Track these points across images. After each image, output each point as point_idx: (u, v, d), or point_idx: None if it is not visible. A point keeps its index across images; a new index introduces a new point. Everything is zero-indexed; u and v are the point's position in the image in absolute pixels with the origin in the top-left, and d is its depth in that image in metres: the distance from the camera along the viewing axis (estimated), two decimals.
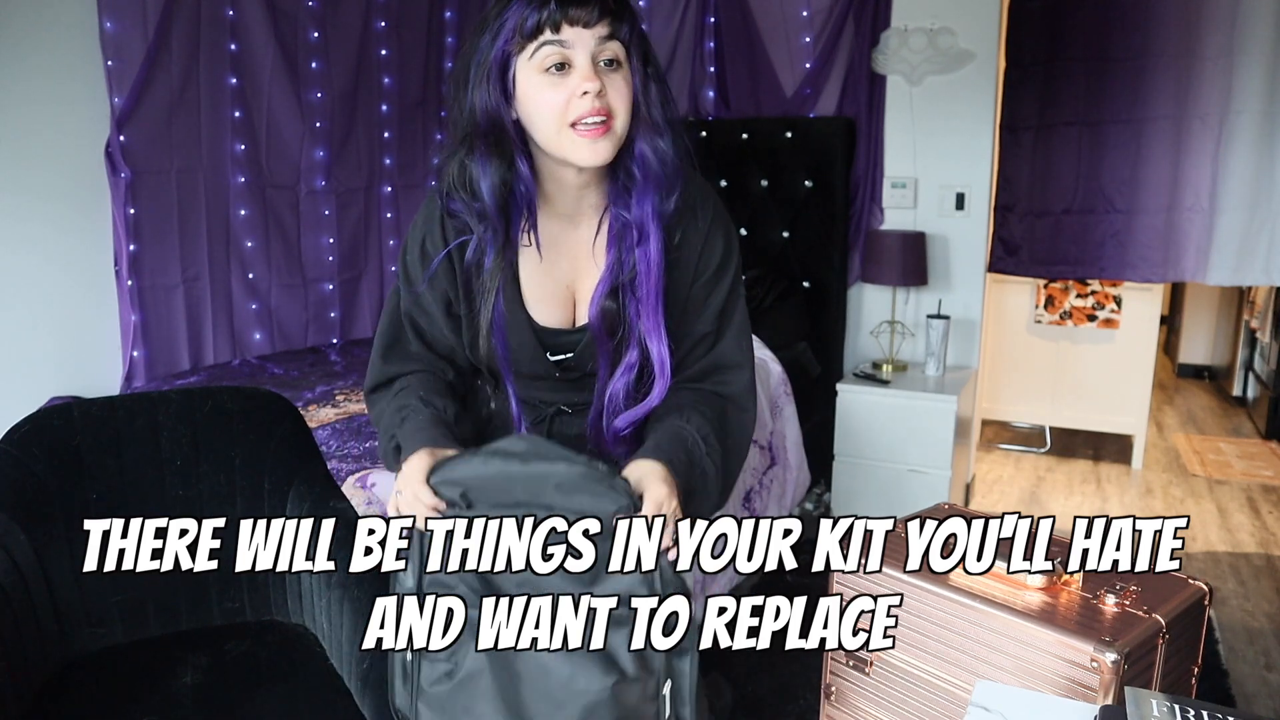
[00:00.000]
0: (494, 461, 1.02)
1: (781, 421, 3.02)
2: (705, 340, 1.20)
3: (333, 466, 1.89)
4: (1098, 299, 4.01)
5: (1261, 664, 2.41)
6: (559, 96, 1.04)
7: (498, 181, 1.09)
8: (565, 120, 1.04)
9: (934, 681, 1.36)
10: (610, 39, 1.05)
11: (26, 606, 1.36)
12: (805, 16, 3.47)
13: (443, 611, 1.01)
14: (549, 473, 1.00)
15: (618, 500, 1.00)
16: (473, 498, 1.03)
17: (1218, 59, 2.94)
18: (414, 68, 3.61)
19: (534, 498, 1.01)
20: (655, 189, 1.10)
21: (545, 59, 1.03)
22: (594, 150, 1.05)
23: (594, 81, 1.03)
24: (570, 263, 1.18)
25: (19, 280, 2.47)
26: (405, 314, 1.22)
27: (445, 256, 1.15)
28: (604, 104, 1.04)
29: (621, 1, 1.07)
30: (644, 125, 1.09)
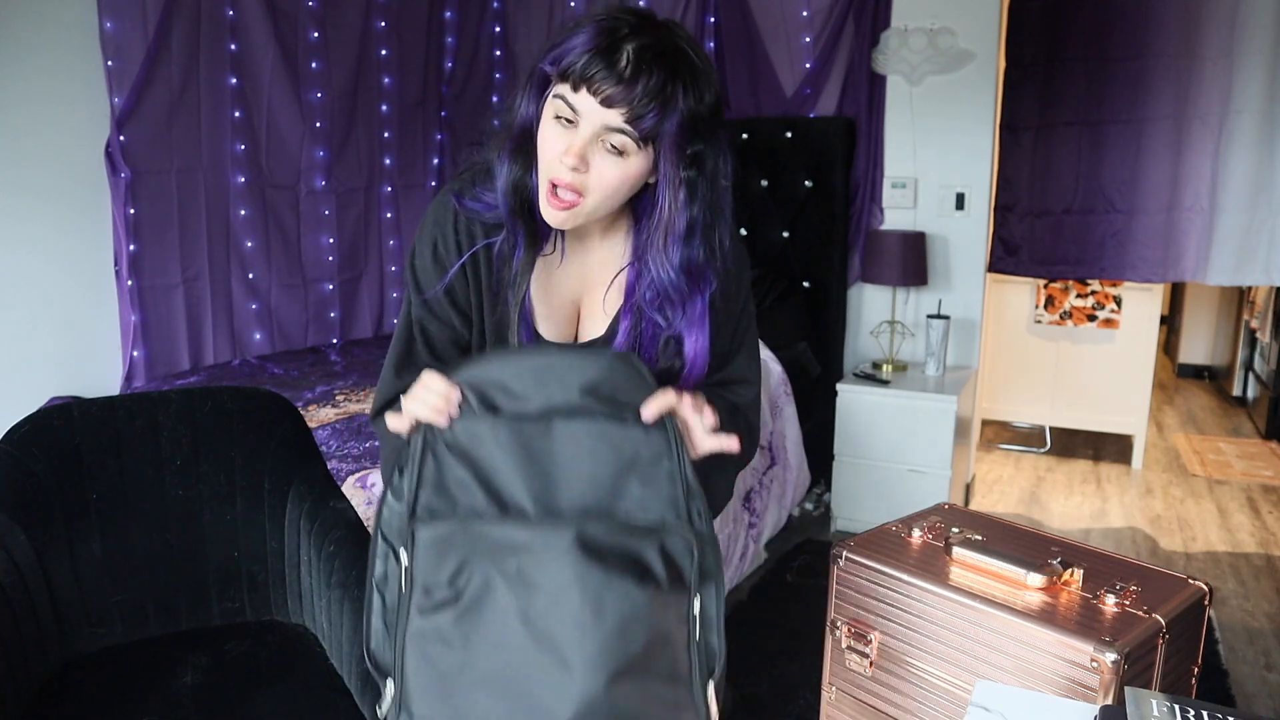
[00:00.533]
0: (518, 358, 0.99)
1: (781, 421, 3.02)
2: (718, 358, 1.21)
3: (333, 466, 1.89)
4: (1098, 299, 4.01)
5: (1261, 664, 2.41)
6: (554, 148, 1.00)
7: (510, 182, 1.07)
8: (548, 174, 1.02)
9: (934, 681, 1.36)
10: (619, 132, 0.98)
11: (26, 606, 1.36)
12: (805, 16, 3.48)
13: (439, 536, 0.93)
14: (582, 367, 0.97)
15: (649, 389, 0.98)
16: (498, 401, 0.98)
17: (1218, 59, 2.94)
18: (414, 68, 3.61)
19: (565, 394, 0.97)
20: (663, 306, 1.08)
21: (558, 107, 1.00)
22: (553, 217, 1.03)
23: (574, 158, 0.99)
24: (578, 283, 1.17)
25: (19, 280, 2.47)
26: (416, 322, 1.16)
27: (461, 267, 1.12)
28: (578, 182, 1.00)
29: (658, 99, 0.97)
30: (664, 236, 1.05)
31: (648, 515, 0.96)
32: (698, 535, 0.96)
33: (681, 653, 0.95)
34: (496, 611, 0.91)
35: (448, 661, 0.92)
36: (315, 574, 1.48)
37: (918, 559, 1.43)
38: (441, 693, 0.91)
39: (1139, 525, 3.38)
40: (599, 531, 0.92)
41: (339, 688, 1.36)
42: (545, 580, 0.91)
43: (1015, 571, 1.33)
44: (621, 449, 0.96)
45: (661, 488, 0.97)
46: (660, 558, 0.94)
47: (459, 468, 0.96)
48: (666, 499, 0.96)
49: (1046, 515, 3.46)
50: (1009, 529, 1.54)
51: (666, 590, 0.94)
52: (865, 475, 3.16)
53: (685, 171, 1.02)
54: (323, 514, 1.51)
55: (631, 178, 1.02)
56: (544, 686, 0.89)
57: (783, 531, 3.10)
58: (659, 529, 0.95)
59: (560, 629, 0.90)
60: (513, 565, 0.92)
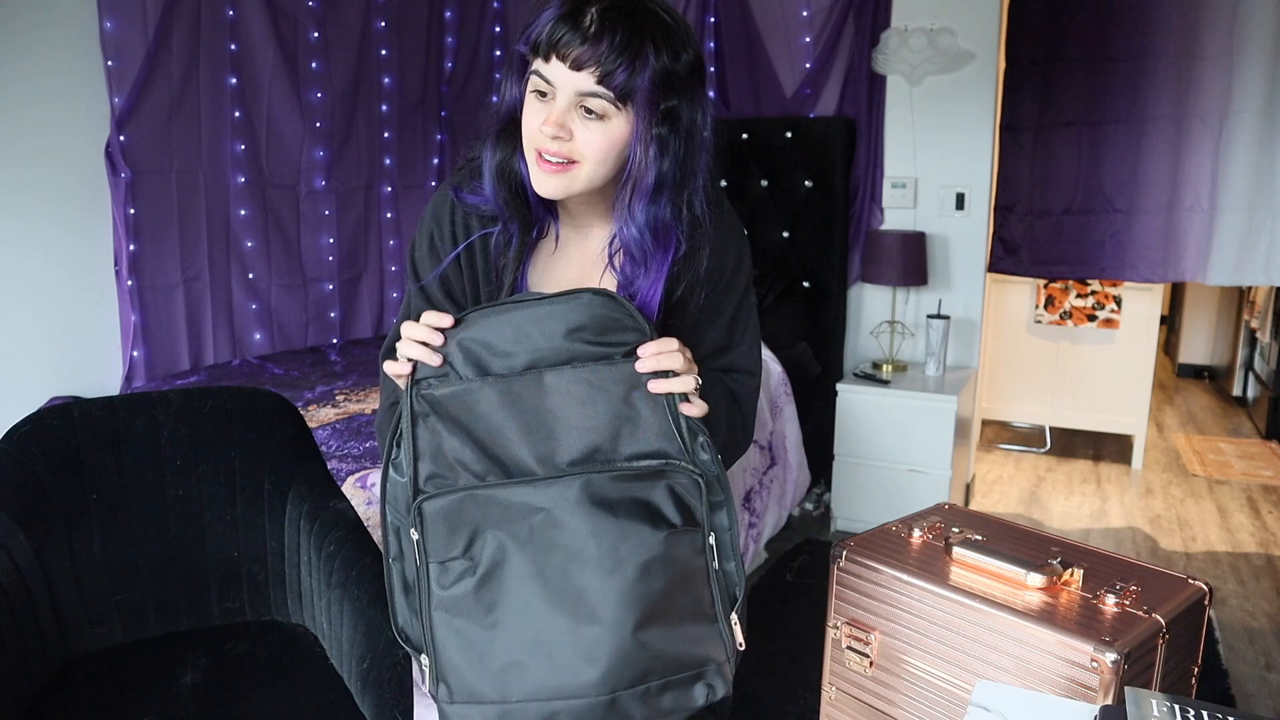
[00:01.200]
0: (498, 314, 0.97)
1: (781, 421, 3.02)
2: (718, 350, 1.20)
3: (332, 466, 1.89)
4: (1098, 299, 4.01)
5: (1261, 664, 2.41)
6: (533, 122, 1.00)
7: (496, 165, 1.07)
8: (533, 146, 1.01)
9: (934, 681, 1.36)
10: (592, 95, 0.97)
11: (26, 606, 1.36)
12: (805, 16, 3.48)
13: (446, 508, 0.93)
14: (563, 312, 0.96)
15: (634, 322, 0.97)
16: (485, 361, 0.97)
17: (1218, 59, 2.94)
18: (414, 68, 3.61)
19: (549, 341, 0.96)
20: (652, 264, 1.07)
21: (534, 83, 1.00)
22: (546, 184, 1.02)
23: (554, 126, 0.98)
24: (577, 270, 1.17)
25: (19, 280, 2.47)
26: (415, 311, 1.14)
27: (456, 258, 1.12)
28: (566, 149, 0.99)
29: (627, 53, 0.96)
30: (632, 189, 1.03)
31: (649, 452, 0.95)
32: (703, 471, 0.96)
33: (702, 587, 0.96)
34: (515, 575, 0.91)
35: (475, 630, 0.92)
36: (315, 574, 1.48)
37: (918, 559, 1.43)
38: (475, 661, 0.91)
39: (1139, 525, 3.38)
40: (605, 482, 0.93)
41: (339, 688, 1.36)
42: (559, 538, 0.91)
43: (1015, 571, 1.33)
44: (613, 389, 0.96)
45: (663, 422, 0.96)
46: (670, 498, 0.95)
47: (454, 435, 0.95)
48: (665, 432, 0.96)
49: (1046, 515, 3.46)
50: (1009, 529, 1.54)
51: (680, 529, 0.94)
52: (865, 475, 3.16)
53: (658, 128, 1.01)
54: (323, 514, 1.51)
55: (618, 141, 1.00)
56: (574, 642, 0.90)
57: (783, 531, 3.10)
58: (664, 471, 0.95)
59: (581, 584, 0.90)
60: (525, 528, 0.92)
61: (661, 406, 0.97)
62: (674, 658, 0.93)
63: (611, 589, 0.90)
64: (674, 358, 0.97)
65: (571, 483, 0.92)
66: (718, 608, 0.97)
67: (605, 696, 0.90)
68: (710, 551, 0.97)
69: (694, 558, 0.95)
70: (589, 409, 0.95)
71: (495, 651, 0.91)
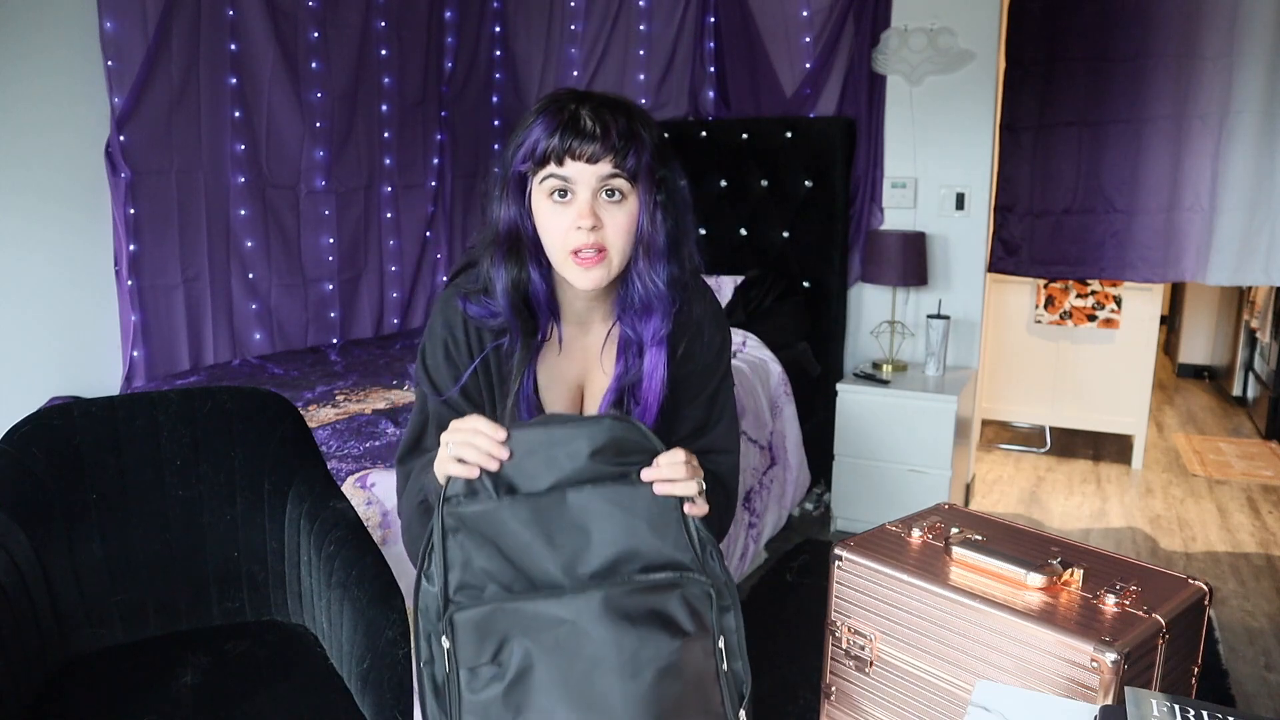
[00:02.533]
0: (525, 434, 1.04)
1: (781, 421, 3.02)
2: (698, 428, 1.28)
3: (332, 466, 1.89)
4: (1098, 299, 4.01)
5: (1261, 664, 2.41)
6: (561, 223, 1.11)
7: (509, 284, 1.17)
8: (567, 247, 1.12)
9: (934, 681, 1.36)
10: (614, 176, 1.10)
11: (26, 606, 1.36)
12: (805, 16, 3.48)
13: (476, 619, 0.98)
14: (587, 435, 1.03)
15: (649, 445, 1.04)
16: (513, 481, 1.03)
17: (1218, 59, 2.94)
18: (414, 68, 3.61)
19: (574, 462, 1.03)
20: (654, 313, 1.19)
21: (550, 186, 1.11)
22: (588, 277, 1.13)
23: (588, 219, 1.10)
24: (580, 366, 1.26)
25: (19, 280, 2.47)
26: (434, 416, 1.23)
27: (473, 368, 1.20)
28: (598, 238, 1.11)
29: (629, 138, 1.11)
30: (644, 253, 1.16)
31: (665, 563, 1.03)
32: (713, 580, 1.03)
33: (713, 687, 1.03)
34: (541, 682, 0.97)
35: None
36: (315, 574, 1.48)
37: (917, 559, 1.43)
38: None
39: (1139, 525, 3.38)
40: (624, 595, 0.99)
41: (339, 688, 1.36)
42: (583, 647, 0.97)
43: (1015, 571, 1.33)
44: (633, 506, 1.03)
45: (672, 534, 1.03)
46: (684, 608, 1.02)
47: (482, 549, 1.01)
48: (680, 544, 1.03)
49: (1046, 515, 3.46)
50: (1009, 529, 1.54)
51: (693, 636, 1.01)
52: (865, 475, 3.16)
53: (658, 195, 1.15)
54: (323, 514, 1.51)
55: (634, 218, 1.14)
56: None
57: (783, 531, 3.10)
58: (679, 582, 1.02)
59: (603, 689, 0.96)
60: (550, 637, 0.98)
61: (674, 521, 1.04)
62: None
63: (632, 694, 0.96)
64: (678, 468, 1.04)
65: (594, 596, 0.99)
66: (726, 706, 1.03)
67: None
68: (720, 654, 1.04)
69: (705, 660, 1.02)
70: (609, 525, 1.02)
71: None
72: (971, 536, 1.47)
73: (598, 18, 3.85)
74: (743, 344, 3.10)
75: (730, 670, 1.04)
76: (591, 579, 1.01)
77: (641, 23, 3.79)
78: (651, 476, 1.04)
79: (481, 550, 1.01)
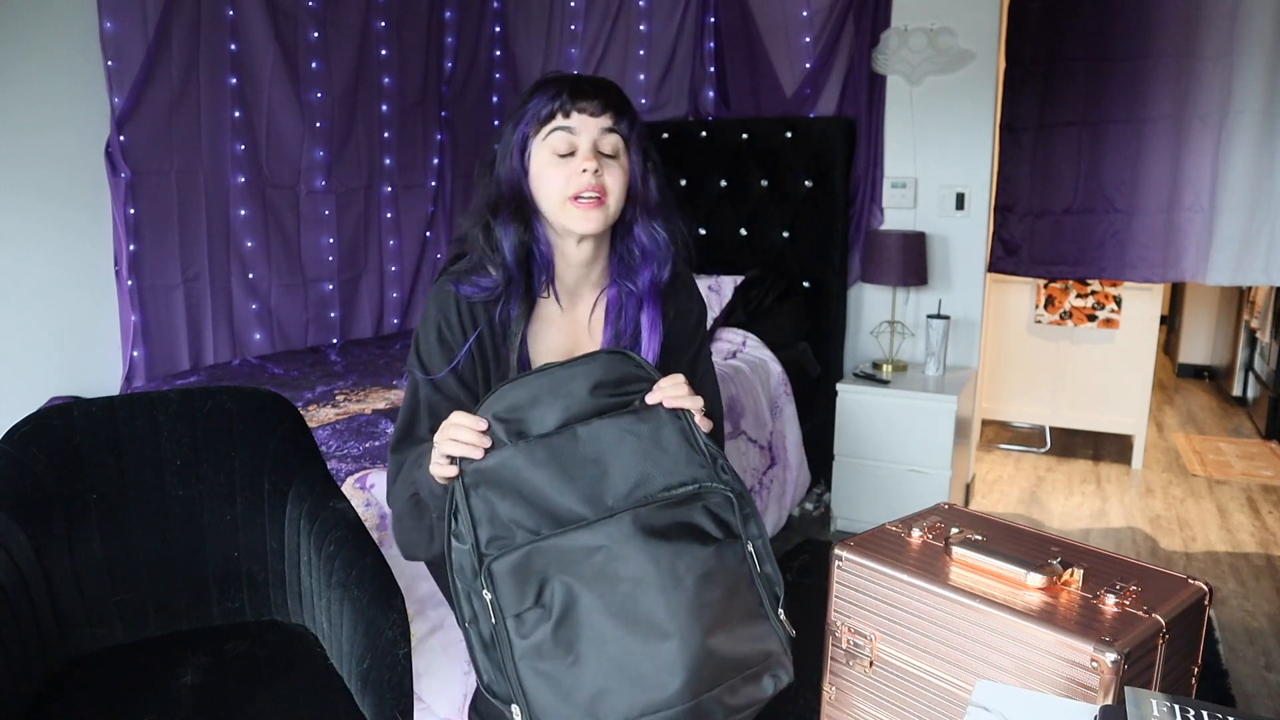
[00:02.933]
0: (528, 382, 1.10)
1: (781, 421, 3.02)
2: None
3: (332, 467, 1.89)
4: (1098, 299, 4.01)
5: (1261, 664, 2.41)
6: (563, 173, 1.22)
7: (517, 241, 1.25)
8: (567, 194, 1.22)
9: (934, 681, 1.36)
10: (611, 132, 1.23)
11: (26, 606, 1.36)
12: (805, 16, 3.48)
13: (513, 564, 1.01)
14: (585, 372, 1.10)
15: (645, 373, 1.14)
16: (523, 426, 1.08)
17: (1218, 59, 2.94)
18: (414, 68, 3.61)
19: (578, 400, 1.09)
20: (652, 263, 1.30)
21: (556, 143, 1.22)
22: (588, 219, 1.22)
23: (593, 161, 1.21)
24: (570, 338, 1.33)
25: (19, 280, 2.47)
26: (425, 402, 1.28)
27: (467, 350, 1.26)
28: (599, 182, 1.22)
29: (624, 101, 1.25)
30: (641, 210, 1.28)
31: (685, 481, 1.07)
32: (731, 489, 1.08)
33: (750, 591, 1.07)
34: (588, 612, 1.00)
35: (560, 670, 0.99)
36: (315, 574, 1.48)
37: (917, 559, 1.43)
38: (564, 697, 0.99)
39: (1139, 525, 3.38)
40: (651, 513, 1.03)
41: (339, 688, 1.36)
42: (622, 570, 1.00)
43: (1015, 571, 1.33)
44: (641, 431, 1.08)
45: (688, 452, 1.09)
46: (709, 517, 1.06)
47: (505, 499, 1.04)
48: (692, 460, 1.09)
49: (1046, 515, 3.46)
50: (1009, 529, 1.54)
51: (724, 542, 1.06)
52: (865, 475, 3.16)
53: (649, 161, 1.29)
54: (323, 514, 1.51)
55: (626, 177, 1.25)
56: (652, 660, 0.98)
57: (783, 531, 3.10)
58: (698, 494, 1.07)
59: (649, 607, 0.99)
60: (588, 568, 1.01)
61: (685, 439, 1.10)
62: (741, 657, 1.03)
63: (678, 605, 0.99)
64: (680, 386, 1.12)
65: (623, 519, 1.02)
66: (765, 607, 1.08)
67: (689, 704, 0.98)
68: (751, 559, 1.08)
69: (739, 565, 1.07)
70: (622, 452, 1.07)
71: (583, 685, 0.99)
72: (971, 536, 1.47)
73: (598, 18, 3.85)
74: (743, 344, 3.10)
75: (764, 574, 1.09)
76: (615, 505, 1.04)
77: (641, 23, 3.79)
78: (657, 398, 1.10)
79: (505, 500, 1.04)
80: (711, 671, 1.00)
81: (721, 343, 3.11)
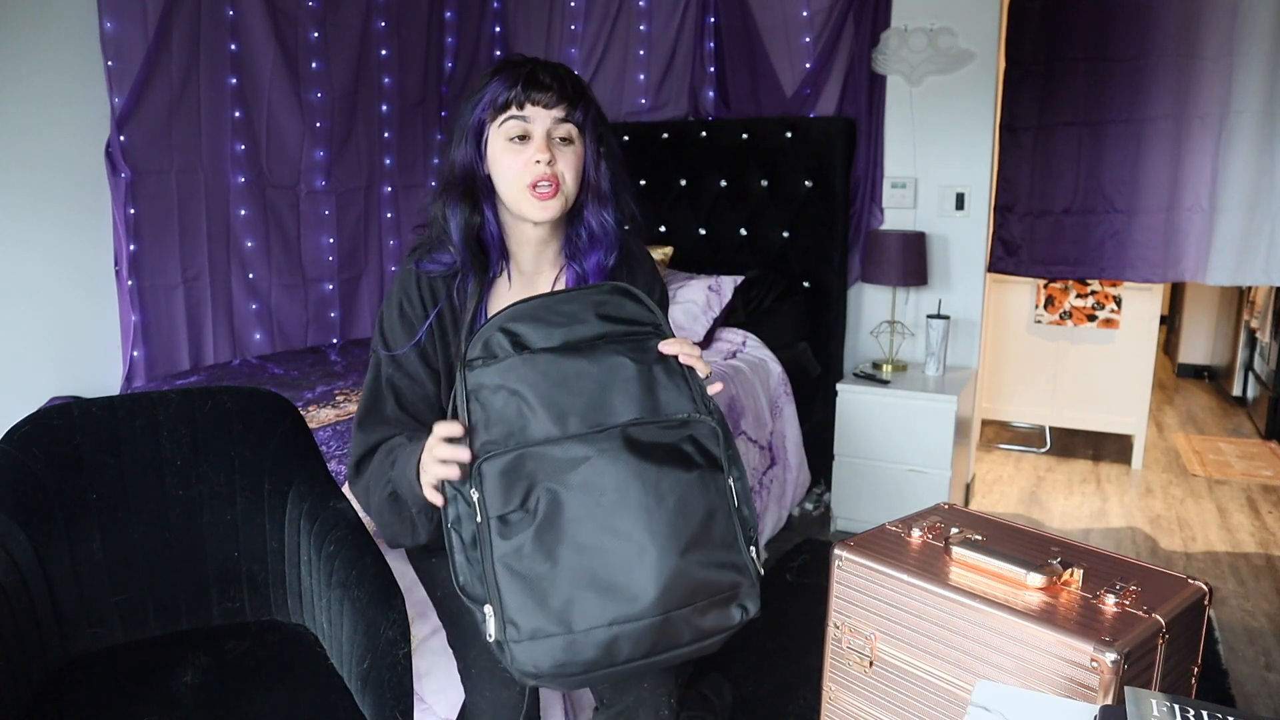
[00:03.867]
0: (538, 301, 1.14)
1: (781, 421, 3.02)
2: None
3: (332, 468, 1.89)
4: (1098, 299, 4.01)
5: (1261, 664, 2.41)
6: (518, 162, 1.26)
7: (463, 222, 1.30)
8: (524, 182, 1.26)
9: (934, 681, 1.36)
10: (565, 121, 1.27)
11: (26, 606, 1.36)
12: (805, 16, 3.48)
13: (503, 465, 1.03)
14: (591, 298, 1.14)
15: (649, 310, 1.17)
16: (526, 340, 1.11)
17: (1218, 59, 2.94)
18: (414, 68, 3.61)
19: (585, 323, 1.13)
20: (599, 249, 1.34)
21: (510, 130, 1.26)
22: (544, 208, 1.27)
23: (546, 153, 1.25)
24: None
25: (19, 280, 2.47)
26: (387, 380, 1.32)
27: (428, 325, 1.30)
28: (554, 171, 1.26)
29: (579, 91, 1.29)
30: (592, 196, 1.33)
31: (675, 412, 1.11)
32: (719, 423, 1.12)
33: (726, 521, 1.10)
34: (571, 519, 1.02)
35: (536, 572, 1.02)
36: (315, 574, 1.48)
37: (917, 559, 1.43)
38: (537, 600, 1.01)
39: (1139, 525, 3.38)
40: (641, 432, 1.07)
41: (339, 688, 1.36)
42: (607, 483, 1.03)
43: (1015, 571, 1.33)
44: (641, 359, 1.12)
45: (680, 388, 1.13)
46: (694, 446, 1.09)
47: (504, 404, 1.08)
48: (685, 396, 1.13)
49: (1046, 515, 3.46)
50: (1009, 529, 1.54)
51: (707, 470, 1.09)
52: (865, 475, 3.16)
53: (602, 148, 1.32)
54: (323, 514, 1.51)
55: (580, 162, 1.30)
56: (628, 572, 1.01)
57: (783, 531, 3.10)
58: (687, 422, 1.10)
59: (630, 520, 1.02)
60: (575, 477, 1.03)
61: (679, 378, 1.14)
62: (713, 582, 1.06)
63: (658, 522, 1.02)
64: (694, 349, 1.16)
65: (613, 434, 1.05)
66: (740, 541, 1.10)
67: (659, 617, 1.01)
68: (730, 493, 1.11)
69: (718, 497, 1.09)
70: (619, 376, 1.10)
71: (558, 590, 1.01)
72: (971, 536, 1.47)
73: (598, 18, 3.85)
74: (743, 344, 3.10)
75: (740, 512, 1.12)
76: (610, 423, 1.07)
77: (641, 23, 3.79)
78: (672, 350, 1.14)
79: (502, 407, 1.07)
80: (684, 590, 1.02)
81: (721, 343, 3.11)
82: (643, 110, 3.82)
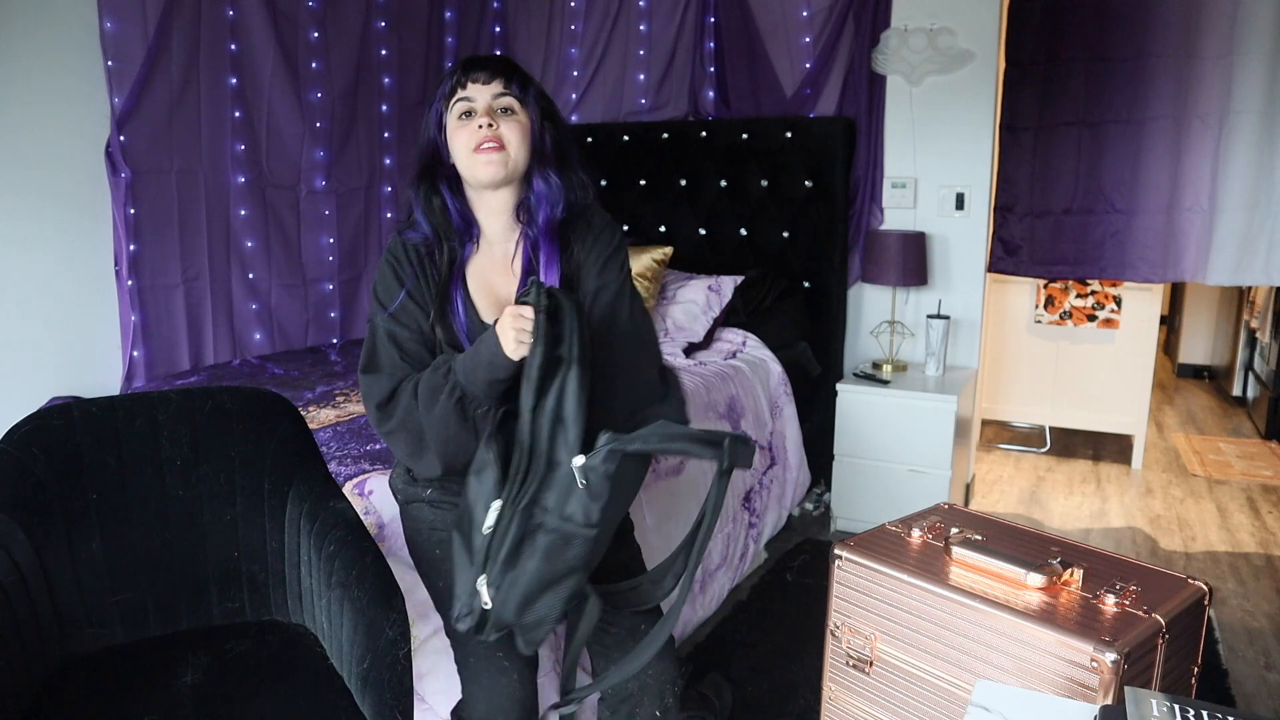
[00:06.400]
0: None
1: (781, 421, 3.02)
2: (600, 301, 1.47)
3: (332, 468, 1.89)
4: (1098, 299, 4.01)
5: (1261, 664, 2.41)
6: (467, 131, 1.43)
7: (424, 200, 1.49)
8: (470, 147, 1.42)
9: (934, 681, 1.36)
10: (504, 94, 1.44)
11: (26, 606, 1.36)
12: (805, 16, 3.48)
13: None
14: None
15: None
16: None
17: (1218, 59, 2.94)
18: (414, 68, 3.61)
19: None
20: (545, 204, 1.47)
21: (459, 109, 1.44)
22: (490, 163, 1.42)
23: (485, 117, 1.42)
24: (500, 276, 1.51)
25: (19, 280, 2.47)
26: (387, 334, 1.45)
27: (413, 275, 1.46)
28: (495, 134, 1.42)
29: (513, 68, 1.47)
30: (537, 160, 1.47)
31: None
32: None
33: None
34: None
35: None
36: (315, 574, 1.48)
37: (917, 559, 1.43)
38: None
39: (1139, 525, 3.38)
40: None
41: (339, 688, 1.36)
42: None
43: (1015, 571, 1.33)
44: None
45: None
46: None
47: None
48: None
49: (1046, 515, 3.46)
50: (1009, 529, 1.54)
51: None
52: (865, 475, 3.16)
53: (546, 121, 1.49)
54: (323, 514, 1.51)
55: (526, 130, 1.45)
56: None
57: (783, 531, 3.10)
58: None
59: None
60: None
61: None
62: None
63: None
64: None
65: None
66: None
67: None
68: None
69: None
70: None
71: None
72: (971, 536, 1.47)
73: (598, 18, 3.85)
74: (743, 344, 3.10)
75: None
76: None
77: (641, 23, 3.79)
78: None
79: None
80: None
81: (721, 343, 3.11)
82: (643, 110, 3.82)
